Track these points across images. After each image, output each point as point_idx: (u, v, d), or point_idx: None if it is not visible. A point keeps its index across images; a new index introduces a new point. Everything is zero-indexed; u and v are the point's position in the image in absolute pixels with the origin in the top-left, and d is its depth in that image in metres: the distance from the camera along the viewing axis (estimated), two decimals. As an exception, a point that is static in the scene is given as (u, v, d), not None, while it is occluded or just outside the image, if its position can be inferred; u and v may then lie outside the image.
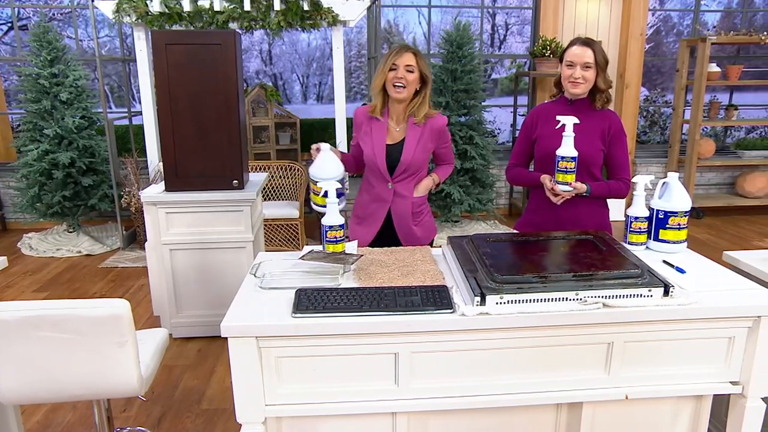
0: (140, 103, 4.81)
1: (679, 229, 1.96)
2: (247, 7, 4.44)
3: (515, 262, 1.68)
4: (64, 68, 4.62)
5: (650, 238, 2.01)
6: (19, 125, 5.18)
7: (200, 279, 3.20)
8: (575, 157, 2.09)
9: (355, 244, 1.98)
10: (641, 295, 1.55)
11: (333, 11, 4.55)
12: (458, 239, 1.88)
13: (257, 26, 4.60)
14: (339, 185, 1.90)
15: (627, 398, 1.63)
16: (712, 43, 5.53)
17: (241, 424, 1.54)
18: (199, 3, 4.46)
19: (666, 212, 1.96)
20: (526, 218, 2.45)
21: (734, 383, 1.65)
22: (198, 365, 2.99)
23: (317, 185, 1.98)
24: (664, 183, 2.01)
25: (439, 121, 2.35)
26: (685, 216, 1.96)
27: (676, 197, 1.97)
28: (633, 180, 2.04)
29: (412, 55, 2.24)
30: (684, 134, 6.12)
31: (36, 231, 5.21)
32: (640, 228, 1.99)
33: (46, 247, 4.81)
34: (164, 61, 2.92)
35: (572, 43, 2.24)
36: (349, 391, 1.56)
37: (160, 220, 3.09)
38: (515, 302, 1.50)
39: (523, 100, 6.08)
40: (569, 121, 2.07)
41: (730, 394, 1.68)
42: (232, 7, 4.48)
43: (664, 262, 1.87)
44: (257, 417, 1.54)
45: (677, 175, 2.01)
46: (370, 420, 1.63)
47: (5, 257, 2.23)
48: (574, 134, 2.07)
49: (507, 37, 7.60)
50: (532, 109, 2.46)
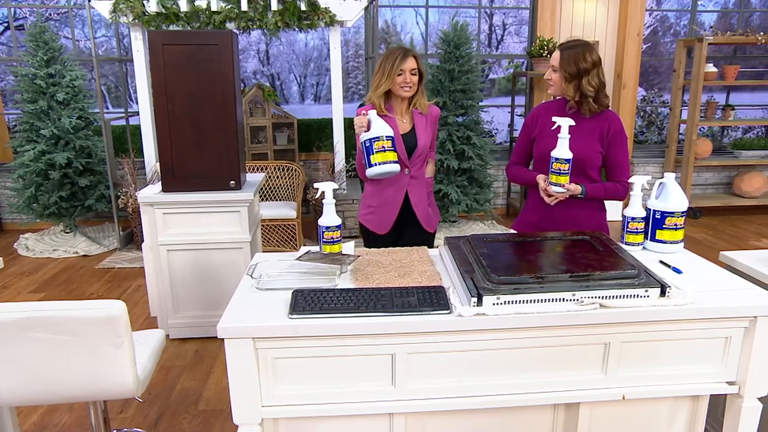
0: (137, 103, 4.81)
1: (676, 229, 1.97)
2: (245, 7, 4.44)
3: (512, 262, 1.68)
4: (60, 68, 4.61)
5: (647, 239, 2.02)
6: (16, 125, 5.17)
7: (197, 280, 3.20)
8: (569, 159, 2.09)
9: (352, 244, 1.98)
10: (638, 296, 1.55)
11: (330, 11, 4.56)
12: (455, 240, 1.88)
13: (254, 26, 4.60)
14: (335, 185, 1.90)
15: (624, 398, 1.63)
16: (709, 44, 5.54)
17: (237, 426, 1.54)
18: (196, 3, 4.46)
19: (663, 212, 1.96)
20: (522, 217, 2.46)
21: (731, 383, 1.65)
22: (195, 366, 2.99)
23: (386, 141, 2.15)
24: (660, 183, 2.02)
25: (435, 111, 2.62)
26: (682, 216, 1.97)
27: (673, 197, 1.97)
28: (630, 180, 2.04)
29: (413, 59, 2.44)
30: (681, 134, 6.13)
31: (33, 232, 5.20)
32: (637, 228, 1.99)
33: (42, 248, 4.80)
34: (161, 61, 2.91)
35: None
36: (346, 392, 1.56)
37: (157, 220, 3.08)
38: (512, 303, 1.50)
39: (520, 100, 6.09)
40: (564, 123, 2.07)
41: (726, 394, 1.68)
42: (229, 7, 4.48)
43: (661, 262, 1.87)
44: (254, 418, 1.54)
45: (674, 175, 2.01)
46: (367, 421, 1.63)
47: (2, 258, 2.22)
48: (569, 136, 2.07)
49: (504, 37, 7.60)
50: (534, 108, 2.47)
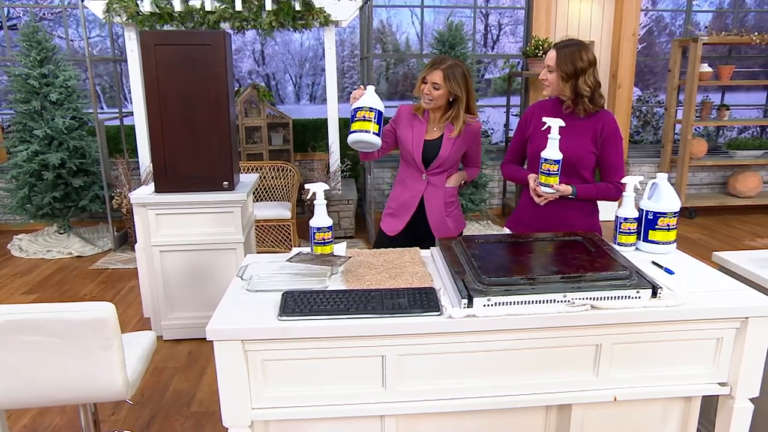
0: (132, 103, 4.79)
1: (669, 230, 1.96)
2: (239, 7, 4.43)
3: (504, 263, 1.68)
4: (54, 68, 4.59)
5: (639, 239, 2.01)
6: (9, 126, 5.14)
7: (191, 280, 3.19)
8: (558, 161, 2.09)
9: (344, 245, 1.97)
10: (629, 297, 1.54)
11: (325, 11, 4.55)
12: (447, 240, 1.87)
13: (249, 26, 4.59)
14: (327, 186, 1.89)
15: (615, 400, 1.62)
16: (704, 44, 5.55)
17: (228, 428, 1.53)
18: (190, 3, 4.45)
19: (655, 213, 1.96)
20: (515, 215, 2.47)
21: (722, 384, 1.65)
22: (188, 367, 2.98)
23: (368, 111, 2.11)
24: (653, 184, 2.01)
25: (473, 126, 2.52)
26: (674, 217, 1.96)
27: (665, 198, 1.97)
28: (622, 181, 2.03)
29: (440, 72, 2.35)
30: (677, 134, 6.14)
31: (26, 232, 5.17)
32: (629, 229, 1.98)
33: (36, 249, 4.78)
34: (153, 61, 2.90)
35: None
36: (337, 394, 1.55)
37: (150, 221, 3.07)
38: (503, 304, 1.49)
39: (516, 100, 6.09)
40: (555, 124, 2.07)
41: (718, 396, 1.68)
42: (223, 7, 4.47)
43: (653, 263, 1.87)
44: (244, 421, 1.53)
45: (666, 175, 2.00)
46: (358, 423, 1.62)
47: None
48: (559, 137, 2.07)
49: (500, 37, 7.60)
50: (528, 107, 2.47)
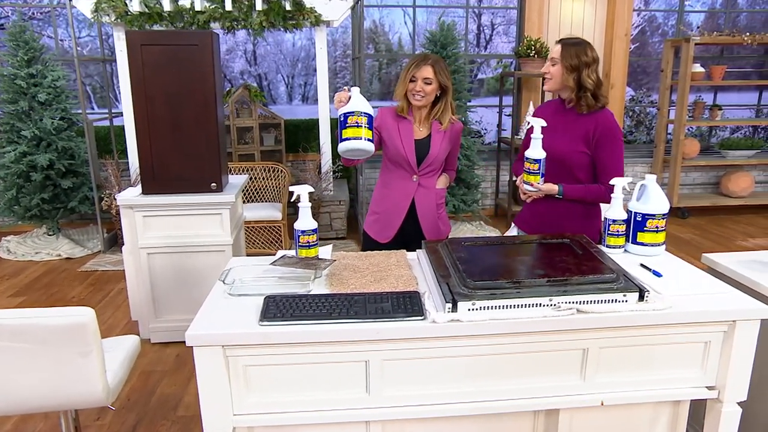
0: (122, 103, 4.75)
1: (657, 231, 1.94)
2: (229, 7, 4.40)
3: (489, 267, 1.65)
4: (42, 69, 4.54)
5: (628, 241, 1.99)
6: (-4, 126, 5.08)
7: (179, 283, 3.15)
8: (539, 159, 2.11)
9: (330, 248, 1.95)
10: (616, 300, 1.52)
11: (315, 11, 4.52)
12: (433, 243, 1.85)
13: (239, 26, 4.56)
14: (311, 189, 1.86)
15: (603, 404, 1.61)
16: (696, 44, 5.55)
17: (209, 435, 1.51)
18: (180, 3, 4.41)
19: (644, 215, 1.94)
20: (520, 214, 2.50)
21: (710, 388, 1.64)
22: (176, 371, 2.94)
23: (360, 116, 2.00)
24: (641, 185, 2.00)
25: (457, 125, 2.50)
26: (663, 219, 1.94)
27: (654, 199, 1.95)
28: (611, 182, 2.02)
29: (430, 67, 2.33)
30: (669, 134, 6.14)
31: (14, 234, 5.12)
32: (617, 231, 1.97)
33: (24, 251, 4.73)
34: (139, 61, 2.86)
35: None
36: (320, 400, 1.53)
37: (137, 223, 3.04)
38: (488, 308, 1.47)
39: (508, 100, 6.07)
40: (537, 123, 2.10)
41: (706, 399, 1.66)
42: (213, 7, 4.43)
43: (642, 265, 1.85)
44: (225, 427, 1.51)
45: (654, 177, 1.99)
46: (343, 429, 1.59)
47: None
48: (542, 136, 2.09)
49: (493, 37, 7.59)
50: (537, 107, 2.49)
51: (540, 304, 1.50)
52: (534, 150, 2.10)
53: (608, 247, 1.98)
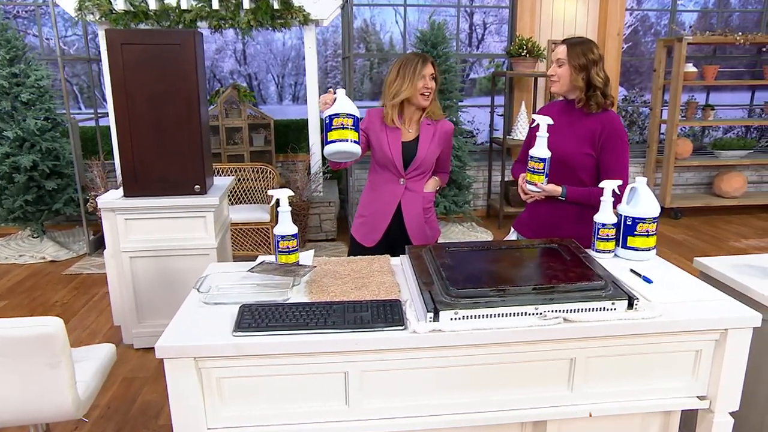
0: (108, 103, 4.67)
1: (648, 236, 1.89)
2: (216, 5, 4.33)
3: (474, 274, 1.60)
4: (25, 68, 4.45)
5: (618, 246, 1.94)
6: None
7: (162, 287, 3.08)
8: (544, 159, 2.04)
9: (311, 253, 1.89)
10: (604, 309, 1.47)
11: (304, 10, 4.46)
12: (417, 248, 1.79)
13: (226, 25, 4.49)
14: (291, 192, 1.80)
15: (591, 416, 1.55)
16: (689, 43, 5.52)
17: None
18: (166, 1, 4.33)
19: (634, 219, 1.89)
20: (520, 216, 2.44)
21: (701, 398, 1.59)
22: (159, 378, 2.87)
23: (346, 118, 1.94)
24: (632, 188, 1.95)
25: (447, 125, 2.47)
26: (654, 222, 1.89)
27: (645, 203, 1.90)
28: (600, 185, 1.96)
29: (431, 65, 2.33)
30: (662, 134, 6.11)
31: (-1, 236, 5.03)
32: (607, 235, 1.92)
33: (8, 254, 4.64)
34: (120, 61, 2.80)
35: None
36: (298, 413, 1.47)
37: (119, 226, 2.96)
38: (471, 318, 1.42)
39: (500, 100, 6.02)
40: (543, 121, 2.02)
41: (698, 410, 1.61)
42: (199, 5, 4.36)
43: (632, 270, 1.80)
44: (198, 442, 1.45)
45: (645, 179, 1.94)
46: (322, 442, 1.54)
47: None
48: (547, 134, 2.02)
49: (485, 36, 7.53)
50: (540, 108, 2.43)
51: (525, 313, 1.45)
52: (539, 149, 2.03)
53: (598, 251, 1.93)
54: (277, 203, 1.78)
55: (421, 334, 1.39)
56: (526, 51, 5.39)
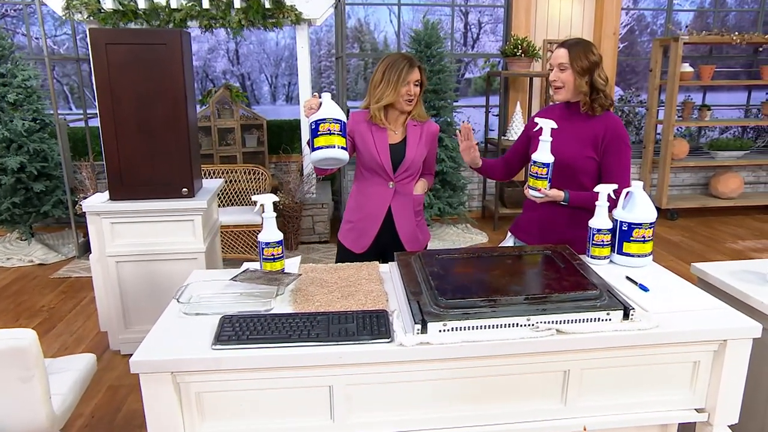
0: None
1: (644, 242, 1.84)
2: (206, 4, 4.27)
3: (463, 283, 1.54)
4: (11, 68, 4.38)
5: (614, 251, 1.89)
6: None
7: (149, 292, 3.02)
8: (548, 164, 1.96)
9: (297, 260, 1.83)
10: (599, 319, 1.42)
11: (296, 9, 4.40)
12: (406, 256, 1.73)
13: (217, 25, 4.42)
14: (276, 198, 1.74)
15: (585, 429, 1.50)
16: (685, 43, 5.48)
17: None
18: (155, 0, 4.26)
19: (630, 224, 1.84)
20: (518, 221, 2.37)
21: (700, 410, 1.53)
22: (145, 385, 2.81)
23: (333, 123, 1.88)
24: (628, 193, 1.89)
25: (433, 127, 2.42)
26: (650, 228, 1.84)
27: (641, 208, 1.85)
28: (595, 189, 1.91)
29: (418, 70, 2.27)
30: (658, 134, 6.06)
31: (-13, 239, 4.95)
32: (602, 241, 1.86)
33: (-5, 257, 4.57)
34: (104, 61, 2.73)
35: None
36: (281, 428, 1.41)
37: (105, 230, 2.90)
38: (460, 329, 1.36)
39: (495, 100, 5.97)
40: (546, 125, 1.94)
41: (695, 423, 1.56)
42: (190, 4, 4.30)
43: (628, 278, 1.75)
44: (176, 460, 1.38)
45: (641, 184, 1.88)
46: (307, 458, 1.48)
47: None
48: (551, 139, 1.94)
49: (480, 35, 7.48)
50: (539, 111, 2.36)
51: (517, 325, 1.39)
52: (542, 153, 1.95)
53: (593, 257, 1.88)
54: (262, 209, 1.72)
55: (408, 347, 1.33)
56: (521, 51, 5.33)
